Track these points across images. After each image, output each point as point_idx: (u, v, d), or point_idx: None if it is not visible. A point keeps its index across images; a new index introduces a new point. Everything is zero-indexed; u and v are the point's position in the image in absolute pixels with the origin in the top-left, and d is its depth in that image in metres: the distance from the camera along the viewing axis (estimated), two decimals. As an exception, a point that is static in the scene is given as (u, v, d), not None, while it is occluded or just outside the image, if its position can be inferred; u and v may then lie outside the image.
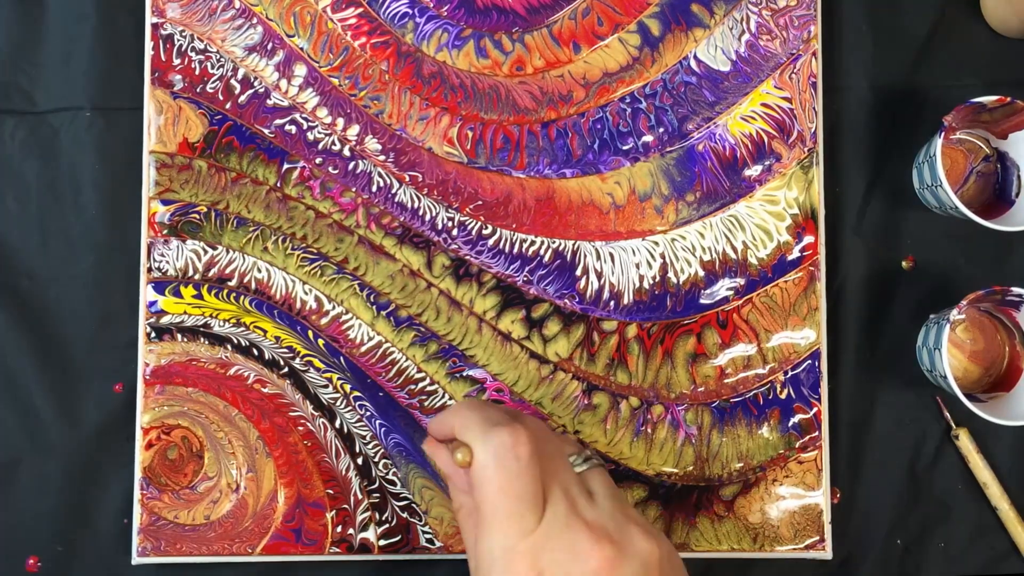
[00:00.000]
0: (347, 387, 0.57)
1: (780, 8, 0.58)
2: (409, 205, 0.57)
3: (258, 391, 0.57)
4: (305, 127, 0.58)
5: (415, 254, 0.57)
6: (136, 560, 0.56)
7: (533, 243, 0.57)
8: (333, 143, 0.58)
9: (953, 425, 0.58)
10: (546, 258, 0.57)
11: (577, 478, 0.42)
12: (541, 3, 0.58)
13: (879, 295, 0.59)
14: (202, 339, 0.57)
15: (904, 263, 0.60)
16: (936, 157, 0.54)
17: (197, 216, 0.57)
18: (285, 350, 0.57)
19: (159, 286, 0.57)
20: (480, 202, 0.57)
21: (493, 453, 0.40)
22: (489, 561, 0.40)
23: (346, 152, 0.58)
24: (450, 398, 0.57)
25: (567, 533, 0.39)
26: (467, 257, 0.57)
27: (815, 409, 0.57)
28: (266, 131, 0.57)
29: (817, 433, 0.57)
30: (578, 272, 0.57)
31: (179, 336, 0.57)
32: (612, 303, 0.57)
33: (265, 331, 0.57)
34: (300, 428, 0.57)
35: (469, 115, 0.58)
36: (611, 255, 0.57)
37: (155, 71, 0.57)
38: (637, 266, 0.57)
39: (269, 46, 0.58)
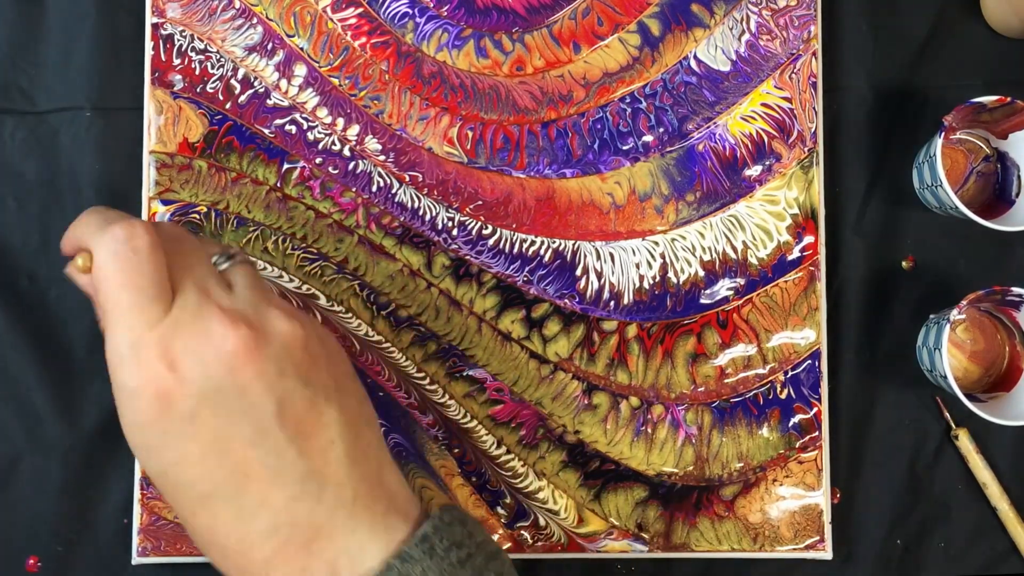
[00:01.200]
0: (347, 387, 0.57)
1: (780, 8, 0.58)
2: (409, 205, 0.57)
3: (258, 391, 0.57)
4: (305, 127, 0.58)
5: (415, 254, 0.57)
6: (136, 560, 0.55)
7: (533, 243, 0.57)
8: (333, 143, 0.58)
9: (953, 425, 0.58)
10: (546, 258, 0.57)
11: (215, 272, 0.40)
12: (541, 3, 0.58)
13: (879, 295, 0.59)
14: (202, 339, 0.57)
15: (904, 263, 0.60)
16: (936, 157, 0.54)
17: (197, 216, 0.57)
18: (285, 350, 0.57)
19: (159, 286, 0.57)
20: (480, 202, 0.57)
21: (109, 249, 0.37)
22: (117, 360, 0.36)
23: (346, 152, 0.58)
24: (450, 398, 0.57)
25: (199, 321, 0.37)
26: (467, 257, 0.57)
27: (815, 409, 0.57)
28: (266, 131, 0.57)
29: (817, 433, 0.57)
30: (578, 272, 0.57)
31: (179, 336, 0.56)
32: (612, 303, 0.57)
33: (265, 331, 0.57)
34: (300, 428, 0.56)
35: (469, 115, 0.58)
36: (611, 255, 0.57)
37: (155, 71, 0.57)
38: (637, 266, 0.57)
39: (269, 46, 0.58)
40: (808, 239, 0.57)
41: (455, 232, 0.57)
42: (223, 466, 0.36)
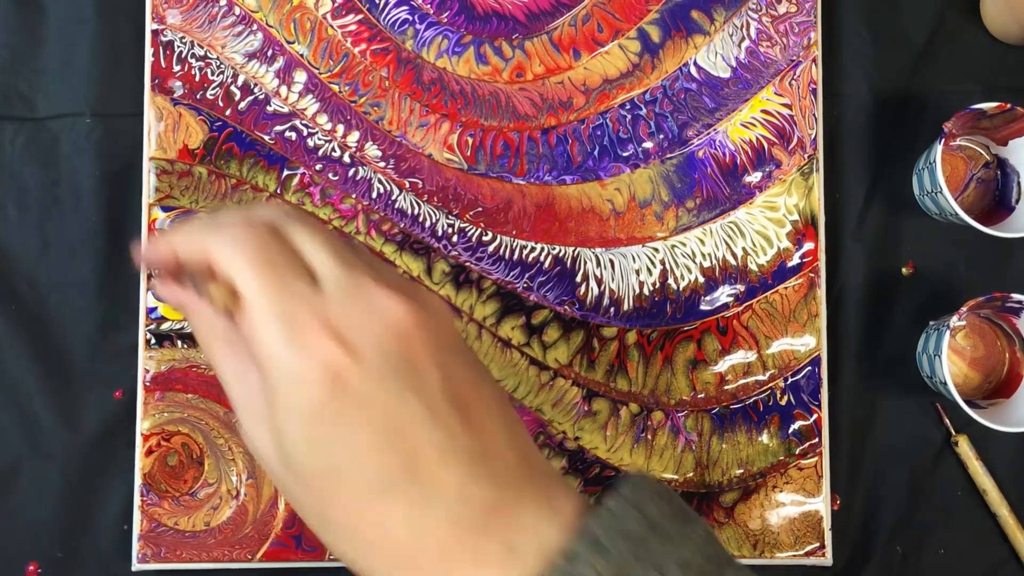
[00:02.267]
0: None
1: (780, 15, 0.58)
2: (409, 211, 0.57)
3: (258, 397, 0.57)
4: (305, 133, 0.58)
5: (415, 260, 0.57)
6: (136, 567, 0.56)
7: (533, 249, 0.57)
8: (333, 149, 0.58)
9: (953, 431, 0.58)
10: (546, 264, 0.57)
11: (343, 243, 0.37)
12: (541, 9, 0.58)
13: (879, 301, 0.59)
14: (202, 345, 0.57)
15: (904, 269, 0.60)
16: (936, 163, 0.54)
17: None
18: (285, 356, 0.57)
19: (159, 292, 0.57)
20: (480, 208, 0.58)
21: (225, 240, 0.34)
22: (273, 346, 0.33)
23: (346, 158, 0.58)
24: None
25: (355, 292, 0.34)
26: (467, 263, 0.57)
27: (815, 415, 0.57)
28: (266, 137, 0.58)
29: (817, 439, 0.57)
30: (578, 278, 0.57)
31: (179, 343, 0.57)
32: (612, 309, 0.57)
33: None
34: (300, 434, 0.56)
35: (469, 121, 0.58)
36: (611, 261, 0.57)
37: (155, 77, 0.57)
38: (637, 272, 0.57)
39: (269, 52, 0.58)
40: (808, 245, 0.57)
41: (455, 238, 0.57)
42: (399, 451, 0.33)
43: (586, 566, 0.33)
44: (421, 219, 0.57)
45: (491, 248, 0.57)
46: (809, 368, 0.57)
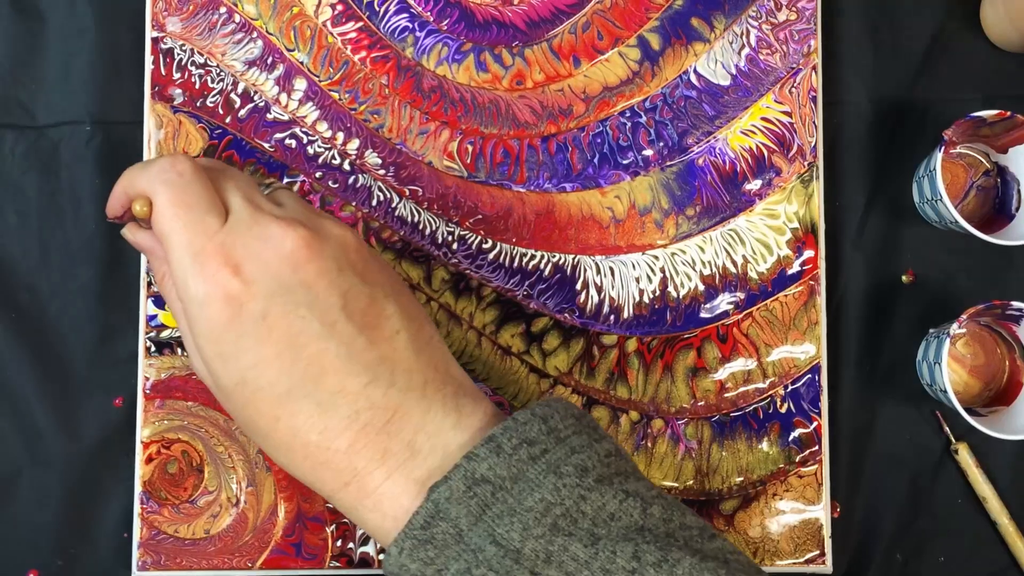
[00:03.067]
0: (347, 401, 0.57)
1: (780, 22, 0.58)
2: (409, 219, 0.57)
3: (258, 405, 0.57)
4: (305, 141, 0.58)
5: (415, 268, 0.57)
6: (136, 574, 0.55)
7: (533, 257, 0.57)
8: (333, 157, 0.58)
9: (953, 439, 0.58)
10: (546, 272, 0.57)
11: (259, 189, 0.42)
12: (541, 17, 0.58)
13: (879, 309, 0.59)
14: (202, 353, 0.57)
15: (904, 277, 0.60)
16: (936, 171, 0.54)
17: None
18: (285, 364, 0.57)
19: (159, 300, 0.57)
20: (480, 216, 0.58)
21: (158, 179, 0.40)
22: (182, 274, 0.38)
23: (346, 166, 0.58)
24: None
25: (256, 226, 0.39)
26: (467, 271, 0.57)
27: (815, 423, 0.57)
28: (266, 145, 0.58)
29: (817, 447, 0.57)
30: (578, 286, 0.57)
31: (179, 350, 0.57)
32: (612, 317, 0.57)
33: (265, 345, 0.57)
34: (300, 442, 0.56)
35: (469, 129, 0.58)
36: (611, 269, 0.57)
37: (155, 85, 0.57)
38: (637, 280, 0.57)
39: (269, 60, 0.58)
40: (808, 253, 0.57)
41: (455, 246, 0.57)
42: (299, 362, 0.38)
43: (483, 465, 0.37)
44: (421, 227, 0.57)
45: (491, 256, 0.57)
46: (809, 376, 0.57)
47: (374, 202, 0.57)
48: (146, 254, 0.44)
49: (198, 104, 0.58)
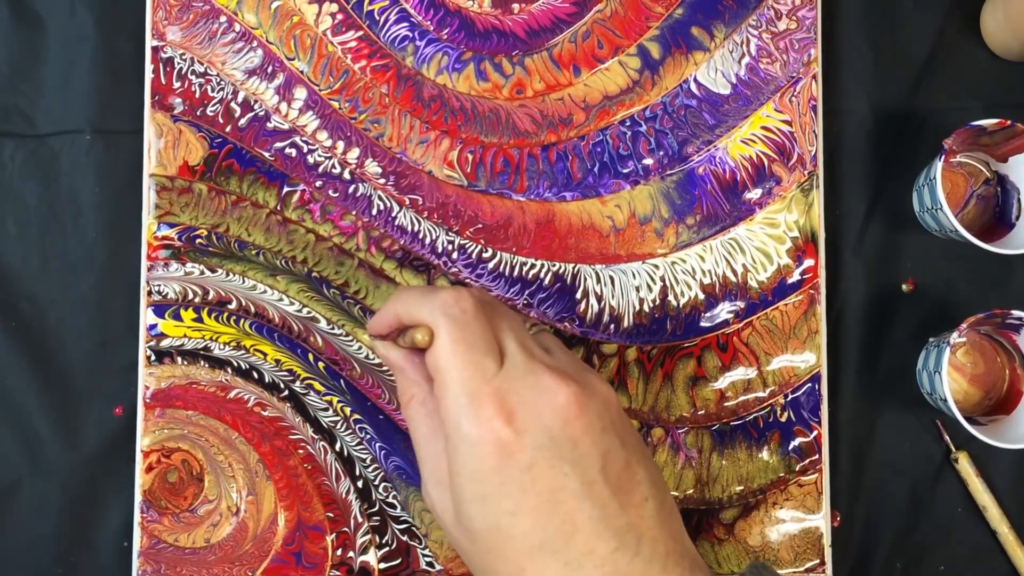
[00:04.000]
0: (347, 410, 0.57)
1: (780, 31, 0.58)
2: (409, 228, 0.57)
3: (258, 414, 0.57)
4: (305, 150, 0.58)
5: (415, 277, 0.57)
6: (136, 584, 0.56)
7: (533, 266, 0.57)
8: (333, 166, 0.58)
9: (953, 448, 0.58)
10: (546, 281, 0.57)
11: (527, 332, 0.43)
12: (541, 26, 0.58)
13: (879, 318, 0.59)
14: (202, 362, 0.57)
15: (904, 286, 0.60)
16: (936, 180, 0.54)
17: (202, 240, 0.57)
18: (285, 373, 0.57)
19: (159, 309, 0.57)
20: (480, 225, 0.58)
21: (440, 312, 0.41)
22: (457, 413, 0.39)
23: (346, 175, 0.58)
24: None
25: (530, 375, 0.39)
26: (467, 280, 0.57)
27: (815, 432, 0.57)
28: (266, 154, 0.57)
29: (817, 456, 0.57)
30: (578, 295, 0.57)
31: (179, 359, 0.57)
32: (612, 326, 0.57)
33: (265, 354, 0.57)
34: (300, 451, 0.57)
35: (469, 138, 0.58)
36: (611, 278, 0.57)
37: (155, 94, 0.57)
38: (637, 289, 0.57)
39: (269, 69, 0.58)
40: (808, 262, 0.57)
41: (455, 255, 0.57)
42: (554, 517, 0.38)
43: None
44: (421, 236, 0.57)
45: (491, 265, 0.57)
46: (809, 385, 0.57)
47: (374, 211, 0.57)
48: (396, 372, 0.45)
49: (198, 113, 0.57)
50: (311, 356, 0.57)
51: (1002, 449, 0.55)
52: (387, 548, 0.56)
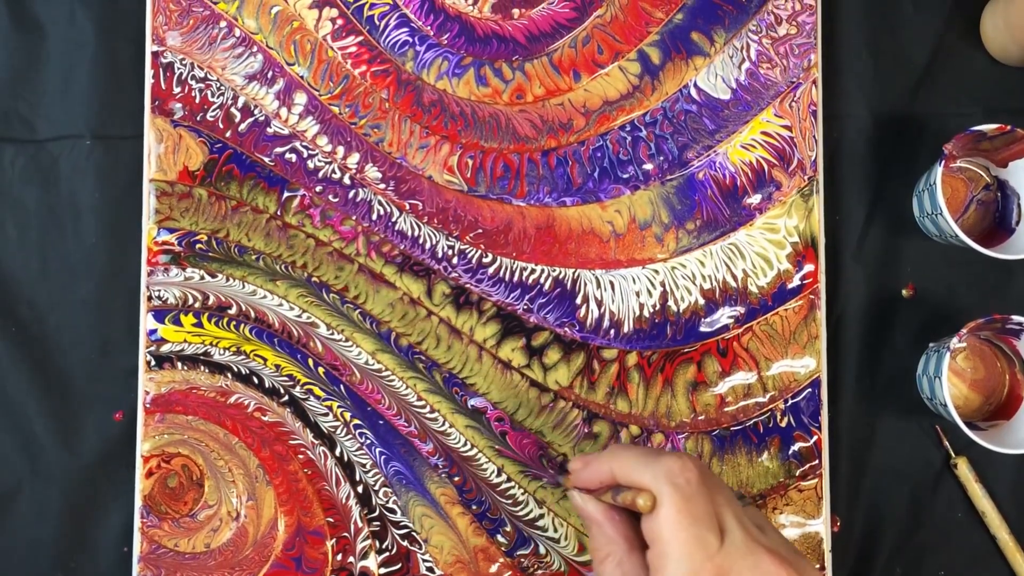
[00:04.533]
0: (347, 415, 0.57)
1: (780, 36, 0.58)
2: (409, 233, 0.57)
3: (258, 419, 0.57)
4: (305, 155, 0.58)
5: (415, 282, 0.57)
6: (136, 589, 0.56)
7: (533, 271, 0.57)
8: (333, 171, 0.58)
9: (952, 454, 0.58)
10: (546, 286, 0.57)
11: (741, 507, 0.43)
12: (541, 31, 0.58)
13: (879, 323, 0.59)
14: (202, 367, 0.57)
15: (904, 291, 0.60)
16: (936, 185, 0.54)
17: (203, 245, 0.57)
18: (285, 378, 0.57)
19: (159, 314, 0.57)
20: (480, 230, 0.58)
21: (664, 479, 0.41)
22: None
23: (346, 180, 0.58)
24: (450, 426, 0.57)
25: (750, 555, 0.40)
26: (467, 285, 0.57)
27: (815, 437, 0.57)
28: (266, 159, 0.58)
29: (817, 461, 0.57)
30: (578, 300, 0.57)
31: (179, 364, 0.57)
32: (612, 331, 0.57)
33: (265, 359, 0.57)
34: (300, 456, 0.57)
35: (469, 143, 0.58)
36: (611, 283, 0.57)
37: (155, 99, 0.57)
38: (637, 294, 0.57)
39: (269, 74, 0.58)
40: (808, 267, 0.57)
41: (455, 260, 0.57)
42: None
43: None
44: (421, 241, 0.57)
45: (491, 270, 0.57)
46: (809, 390, 0.57)
47: (374, 216, 0.57)
48: (591, 526, 0.45)
49: (198, 118, 0.57)
50: (311, 361, 0.57)
51: (1002, 454, 0.55)
52: (387, 553, 0.56)
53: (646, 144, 0.58)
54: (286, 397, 0.57)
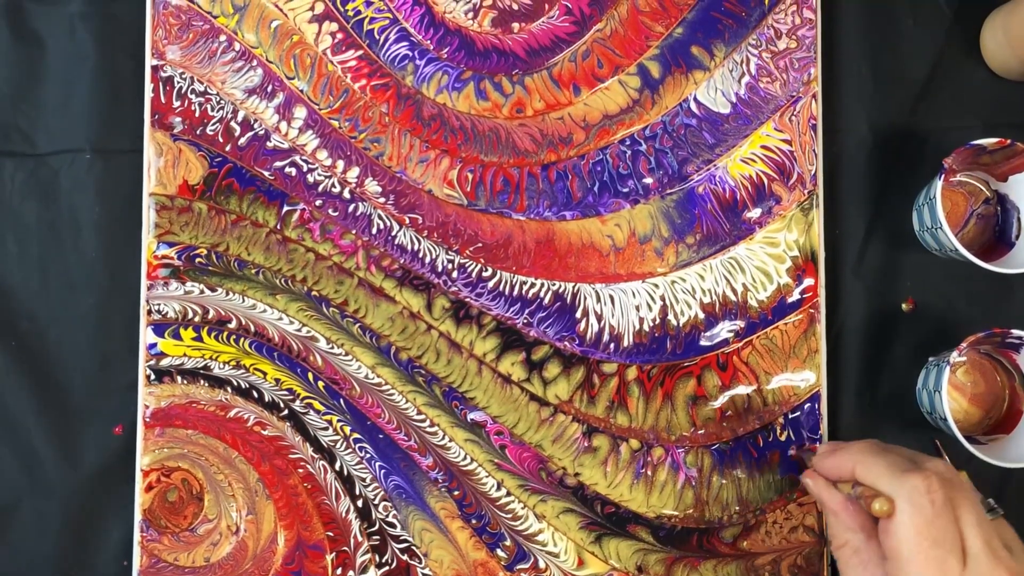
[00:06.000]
0: (347, 429, 0.57)
1: (780, 51, 0.58)
2: (409, 247, 0.57)
3: (258, 433, 0.57)
4: (305, 169, 0.58)
5: (415, 296, 0.57)
6: (136, 603, 0.56)
7: (533, 285, 0.57)
8: (333, 185, 0.58)
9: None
10: (546, 300, 0.57)
11: (990, 524, 0.43)
12: (541, 45, 0.58)
13: (879, 337, 0.59)
14: (202, 381, 0.57)
15: (904, 305, 0.60)
16: (936, 199, 0.54)
17: (202, 259, 0.57)
18: (285, 392, 0.57)
19: (159, 328, 0.57)
20: (480, 244, 0.57)
21: (907, 498, 0.41)
22: None
23: (346, 194, 0.58)
24: (450, 440, 0.57)
25: None
26: (467, 299, 0.57)
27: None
28: (266, 173, 0.58)
29: (817, 475, 0.57)
30: (578, 314, 0.57)
31: (179, 378, 0.57)
32: (612, 345, 0.57)
33: (265, 373, 0.57)
34: (300, 470, 0.57)
35: (469, 157, 0.58)
36: (611, 297, 0.57)
37: (155, 113, 0.57)
38: (637, 308, 0.57)
39: (269, 88, 0.58)
40: (808, 281, 0.57)
41: (455, 274, 0.57)
42: None
43: None
44: (421, 255, 0.57)
45: (491, 284, 0.57)
46: (809, 404, 0.57)
47: (374, 230, 0.57)
48: (829, 513, 0.47)
49: (198, 132, 0.57)
50: (311, 375, 0.57)
51: (1002, 468, 0.54)
52: (387, 567, 0.56)
53: (646, 158, 0.58)
54: (286, 411, 0.57)
